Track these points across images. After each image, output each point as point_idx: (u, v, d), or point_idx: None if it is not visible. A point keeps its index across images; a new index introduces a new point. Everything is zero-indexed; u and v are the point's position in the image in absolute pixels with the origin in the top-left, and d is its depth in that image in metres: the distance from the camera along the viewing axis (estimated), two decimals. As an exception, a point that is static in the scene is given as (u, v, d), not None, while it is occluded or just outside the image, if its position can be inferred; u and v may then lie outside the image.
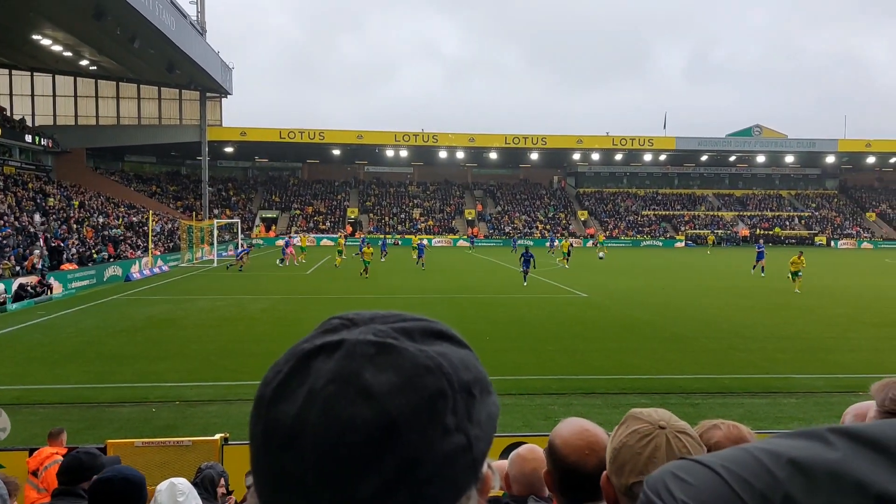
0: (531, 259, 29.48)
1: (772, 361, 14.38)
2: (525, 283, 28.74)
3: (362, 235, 58.45)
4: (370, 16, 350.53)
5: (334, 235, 66.51)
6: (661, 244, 69.84)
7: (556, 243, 54.34)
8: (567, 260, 39.58)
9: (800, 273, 27.54)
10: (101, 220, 40.83)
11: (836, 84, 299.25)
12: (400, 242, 64.10)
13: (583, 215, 75.76)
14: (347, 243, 52.15)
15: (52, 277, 26.37)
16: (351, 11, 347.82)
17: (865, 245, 70.81)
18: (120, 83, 57.51)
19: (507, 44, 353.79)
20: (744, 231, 72.74)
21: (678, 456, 1.45)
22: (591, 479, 2.05)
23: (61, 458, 5.24)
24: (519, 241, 61.23)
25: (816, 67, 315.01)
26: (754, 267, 35.17)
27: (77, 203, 42.11)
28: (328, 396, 0.63)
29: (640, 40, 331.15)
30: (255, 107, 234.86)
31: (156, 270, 35.38)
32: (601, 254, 49.08)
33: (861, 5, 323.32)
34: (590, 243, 46.32)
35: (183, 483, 4.04)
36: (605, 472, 1.57)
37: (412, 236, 63.51)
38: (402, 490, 0.61)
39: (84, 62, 49.69)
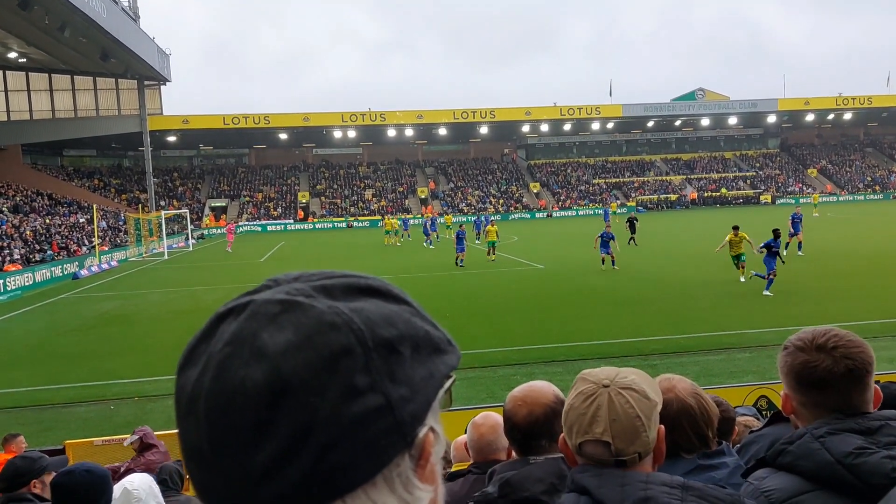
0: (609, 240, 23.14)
1: (724, 318, 14.79)
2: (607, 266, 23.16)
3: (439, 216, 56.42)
4: (286, 6, 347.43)
5: (284, 221, 65.92)
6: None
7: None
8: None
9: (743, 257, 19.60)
10: (45, 218, 39.53)
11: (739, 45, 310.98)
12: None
13: (535, 187, 76.24)
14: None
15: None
16: (263, 6, 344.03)
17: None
18: (53, 75, 55.25)
19: (426, 26, 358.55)
20: (692, 195, 74.13)
21: (620, 413, 1.50)
22: (518, 428, 2.20)
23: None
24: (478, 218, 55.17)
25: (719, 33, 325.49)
26: (787, 245, 24.17)
27: (15, 203, 40.68)
28: (222, 359, 0.59)
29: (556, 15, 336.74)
30: (193, 99, 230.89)
31: (104, 266, 34.45)
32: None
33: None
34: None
35: (138, 485, 3.74)
36: (562, 435, 1.63)
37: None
38: (303, 456, 0.56)
39: (12, 55, 47.61)
